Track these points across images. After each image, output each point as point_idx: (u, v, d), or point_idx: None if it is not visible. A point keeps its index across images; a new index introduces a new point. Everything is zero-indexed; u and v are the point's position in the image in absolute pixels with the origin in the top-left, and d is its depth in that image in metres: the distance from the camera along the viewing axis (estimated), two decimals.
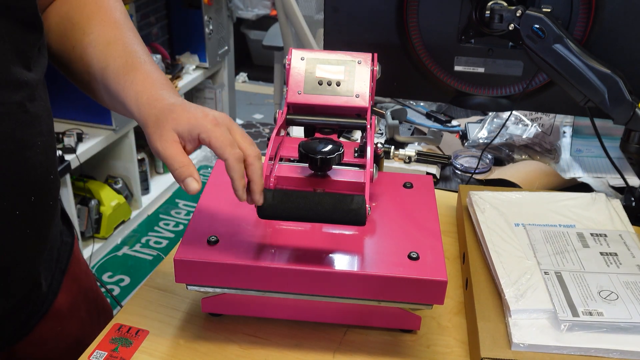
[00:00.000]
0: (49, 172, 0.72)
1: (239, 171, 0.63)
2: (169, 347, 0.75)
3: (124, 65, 0.70)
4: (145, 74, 0.70)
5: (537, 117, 1.31)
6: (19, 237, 0.69)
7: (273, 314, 0.76)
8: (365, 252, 0.72)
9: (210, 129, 0.63)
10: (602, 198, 0.93)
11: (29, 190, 0.69)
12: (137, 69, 0.70)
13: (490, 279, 0.79)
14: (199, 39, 2.78)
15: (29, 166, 0.68)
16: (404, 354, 0.75)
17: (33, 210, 0.70)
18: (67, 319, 0.85)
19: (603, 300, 0.73)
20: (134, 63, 0.71)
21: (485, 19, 1.01)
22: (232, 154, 0.62)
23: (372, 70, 0.83)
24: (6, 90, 0.64)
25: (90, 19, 0.75)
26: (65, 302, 0.84)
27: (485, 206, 0.90)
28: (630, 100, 0.92)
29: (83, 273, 0.91)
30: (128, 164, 2.45)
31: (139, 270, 2.39)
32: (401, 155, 1.16)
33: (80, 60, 0.74)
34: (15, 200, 0.67)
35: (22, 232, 0.70)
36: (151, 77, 0.70)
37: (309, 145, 0.76)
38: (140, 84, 0.69)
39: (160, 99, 0.67)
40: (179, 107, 0.65)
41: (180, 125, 0.63)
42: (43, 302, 0.81)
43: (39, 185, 0.70)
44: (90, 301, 0.92)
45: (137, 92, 0.68)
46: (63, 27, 0.76)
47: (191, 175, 0.62)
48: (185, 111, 0.64)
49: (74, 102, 2.18)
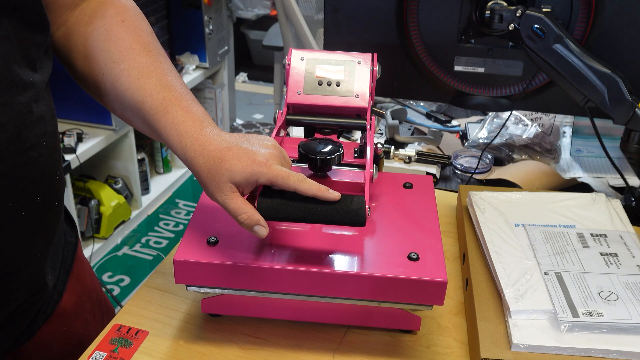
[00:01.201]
0: (54, 173, 0.72)
1: (314, 186, 0.65)
2: (168, 348, 0.75)
3: (162, 101, 0.69)
4: (185, 110, 0.69)
5: (537, 117, 1.31)
6: (26, 237, 0.70)
7: (273, 314, 0.76)
8: (365, 253, 0.71)
9: (267, 173, 0.64)
10: (602, 198, 0.93)
11: (35, 191, 0.69)
12: (175, 104, 0.69)
13: (490, 279, 0.79)
14: (199, 39, 2.78)
15: (35, 167, 0.68)
16: (404, 354, 0.75)
17: (39, 211, 0.70)
18: (72, 319, 0.86)
19: (603, 300, 0.73)
20: (171, 99, 0.69)
21: (485, 19, 1.01)
22: (298, 182, 0.65)
23: (372, 70, 0.83)
24: (13, 91, 0.64)
25: (119, 45, 0.73)
26: (70, 303, 0.84)
27: (485, 206, 0.90)
28: (630, 100, 0.92)
29: (87, 273, 0.91)
30: (128, 164, 2.45)
31: (139, 270, 2.39)
32: (401, 155, 1.16)
33: (113, 90, 0.73)
34: (22, 200, 0.67)
35: (29, 233, 0.70)
36: (192, 113, 0.69)
37: (308, 146, 0.76)
38: (182, 124, 0.68)
39: (206, 143, 0.66)
40: (228, 153, 0.65)
41: (235, 176, 0.65)
42: (49, 303, 0.81)
43: (44, 186, 0.70)
44: (94, 301, 0.92)
45: (179, 133, 0.67)
46: (91, 51, 0.74)
47: (258, 223, 0.65)
48: (236, 159, 0.65)
49: (74, 102, 2.19)
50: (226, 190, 0.65)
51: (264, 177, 0.65)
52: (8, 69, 0.64)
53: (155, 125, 0.69)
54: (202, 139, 0.67)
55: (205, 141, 0.67)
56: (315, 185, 0.65)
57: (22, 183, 0.66)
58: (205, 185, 0.67)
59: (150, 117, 0.70)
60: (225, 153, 0.65)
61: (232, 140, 0.67)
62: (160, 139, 0.71)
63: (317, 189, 0.65)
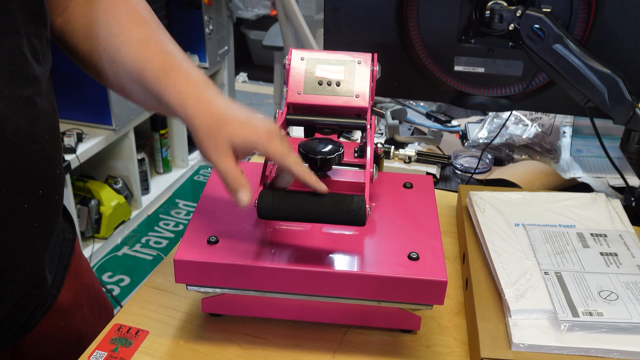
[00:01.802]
0: (55, 167, 0.73)
1: (307, 172, 0.67)
2: (169, 347, 0.75)
3: (163, 66, 0.70)
4: (186, 74, 0.70)
5: (537, 117, 1.31)
6: (27, 231, 0.70)
7: (273, 314, 0.76)
8: (365, 252, 0.72)
9: (267, 144, 0.66)
10: (602, 198, 0.93)
11: (37, 185, 0.70)
12: (176, 68, 0.70)
13: (490, 279, 0.79)
14: (199, 39, 2.78)
15: (37, 160, 0.69)
16: (404, 354, 0.75)
17: (40, 205, 0.71)
18: (70, 314, 0.86)
19: (603, 300, 0.73)
20: (172, 63, 0.70)
21: (485, 19, 1.01)
22: (294, 163, 0.66)
23: (372, 70, 0.83)
24: (18, 85, 0.65)
25: (118, 18, 0.75)
26: (68, 298, 0.85)
27: (485, 206, 0.90)
28: (630, 100, 0.92)
29: (85, 270, 0.92)
30: (128, 164, 2.45)
31: (139, 270, 2.39)
32: (401, 155, 1.16)
33: (113, 62, 0.74)
34: (24, 194, 0.68)
35: (30, 226, 0.70)
36: (192, 77, 0.70)
37: (308, 146, 0.76)
38: (183, 85, 0.68)
39: (208, 103, 0.67)
40: (232, 117, 0.66)
41: (235, 139, 0.66)
42: (47, 298, 0.81)
43: (45, 180, 0.71)
44: (92, 298, 0.93)
45: (180, 94, 0.68)
46: (90, 29, 0.75)
47: (243, 187, 0.65)
48: (238, 124, 0.66)
49: (74, 102, 2.19)
50: (222, 151, 0.66)
51: (263, 149, 0.66)
52: (14, 62, 0.64)
53: (156, 89, 0.69)
54: (206, 98, 0.68)
55: (209, 101, 0.67)
56: (307, 172, 0.67)
57: (25, 176, 0.67)
58: (201, 142, 0.67)
59: (152, 82, 0.70)
60: (229, 117, 0.66)
61: (236, 106, 0.68)
62: (160, 106, 0.71)
63: (308, 175, 0.66)
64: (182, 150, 2.86)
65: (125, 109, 2.27)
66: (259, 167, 0.82)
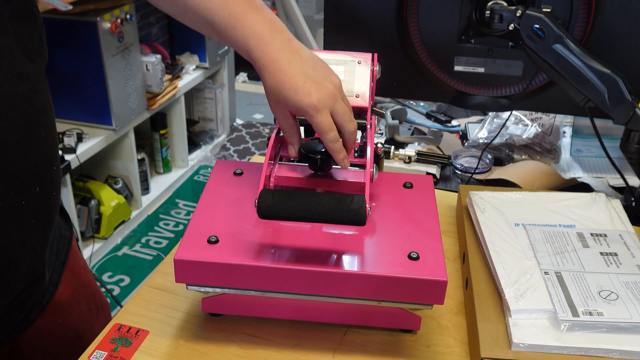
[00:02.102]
0: (52, 164, 0.74)
1: (337, 149, 0.74)
2: (169, 347, 0.75)
3: (228, 19, 0.73)
4: (251, 26, 0.73)
5: (537, 117, 1.31)
6: (25, 227, 0.71)
7: (273, 314, 0.76)
8: (365, 252, 0.72)
9: (312, 115, 0.72)
10: (602, 198, 0.93)
11: (35, 181, 0.70)
12: (240, 20, 0.73)
13: (490, 279, 0.79)
14: (199, 39, 2.78)
15: (34, 157, 0.70)
16: (404, 354, 0.75)
17: (38, 201, 0.71)
18: (68, 311, 0.87)
19: (603, 300, 0.73)
20: (236, 15, 0.73)
21: (485, 19, 1.01)
22: (329, 138, 0.73)
23: (372, 70, 0.83)
24: (11, 82, 0.66)
25: None
26: (65, 295, 0.86)
27: (485, 206, 0.90)
28: (630, 100, 0.92)
29: (82, 268, 0.93)
30: (128, 164, 2.45)
31: (139, 270, 2.39)
32: (401, 155, 1.16)
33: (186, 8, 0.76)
34: (22, 190, 0.68)
35: (29, 222, 0.71)
36: (256, 31, 0.73)
37: (309, 145, 0.76)
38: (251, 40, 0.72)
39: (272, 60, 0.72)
40: (289, 80, 0.71)
41: (289, 103, 0.72)
42: (45, 294, 0.82)
43: (43, 176, 0.72)
44: (89, 295, 0.93)
45: (248, 49, 0.73)
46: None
47: (292, 143, 0.75)
48: (293, 91, 0.71)
49: (74, 102, 2.19)
50: (279, 108, 0.74)
51: (309, 118, 0.72)
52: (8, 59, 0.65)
53: (226, 41, 0.75)
54: (270, 54, 0.72)
55: (273, 59, 0.72)
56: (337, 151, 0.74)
57: (23, 173, 0.68)
58: (266, 94, 0.74)
59: (220, 34, 0.75)
60: (286, 81, 0.71)
61: (296, 70, 0.72)
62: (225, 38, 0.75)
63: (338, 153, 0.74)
64: (182, 150, 2.86)
65: (125, 109, 2.27)
66: (259, 167, 0.82)
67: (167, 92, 2.53)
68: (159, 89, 2.43)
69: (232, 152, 3.12)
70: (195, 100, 3.08)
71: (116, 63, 2.14)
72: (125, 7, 2.14)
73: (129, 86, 2.26)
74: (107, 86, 2.13)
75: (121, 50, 2.16)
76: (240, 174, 0.83)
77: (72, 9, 1.84)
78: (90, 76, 2.11)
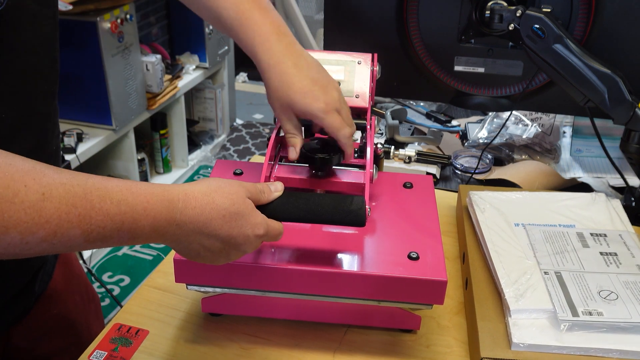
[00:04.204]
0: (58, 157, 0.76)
1: (352, 144, 0.76)
2: (169, 347, 0.75)
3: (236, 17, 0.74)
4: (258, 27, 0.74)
5: (537, 117, 1.31)
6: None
7: (273, 314, 0.76)
8: (365, 252, 0.72)
9: (322, 117, 0.73)
10: (602, 198, 0.93)
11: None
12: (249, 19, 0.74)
13: (490, 279, 0.79)
14: (199, 39, 2.78)
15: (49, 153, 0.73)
16: (404, 354, 0.75)
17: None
18: (62, 301, 0.88)
19: (603, 300, 0.73)
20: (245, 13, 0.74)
21: (485, 19, 1.01)
22: (344, 134, 0.74)
23: (372, 71, 0.83)
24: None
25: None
26: (59, 285, 0.87)
27: (485, 206, 0.90)
28: (630, 100, 0.92)
29: (73, 259, 0.94)
30: (128, 164, 2.45)
31: (139, 270, 2.39)
32: (401, 155, 1.16)
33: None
34: None
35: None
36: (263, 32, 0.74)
37: (309, 146, 0.76)
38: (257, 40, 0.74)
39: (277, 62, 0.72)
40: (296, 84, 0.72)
41: (295, 106, 0.73)
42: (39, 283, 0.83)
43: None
44: (81, 286, 0.95)
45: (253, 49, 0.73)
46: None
47: (293, 145, 0.75)
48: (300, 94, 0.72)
49: (74, 102, 2.18)
50: (283, 111, 0.74)
51: (319, 120, 0.73)
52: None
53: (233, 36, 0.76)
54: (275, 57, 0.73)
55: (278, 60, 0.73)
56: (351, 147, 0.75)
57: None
58: (268, 94, 0.75)
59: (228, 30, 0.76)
60: (294, 84, 0.72)
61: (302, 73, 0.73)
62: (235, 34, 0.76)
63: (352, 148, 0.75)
64: (182, 150, 2.86)
65: (125, 109, 2.27)
66: (259, 167, 0.82)
67: (167, 92, 2.53)
68: (159, 89, 2.43)
69: (232, 152, 3.12)
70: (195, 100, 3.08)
71: (116, 63, 2.14)
72: (125, 7, 2.14)
73: (129, 86, 2.26)
74: (107, 86, 2.13)
75: (121, 50, 2.16)
76: (240, 174, 0.83)
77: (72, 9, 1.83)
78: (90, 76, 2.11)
